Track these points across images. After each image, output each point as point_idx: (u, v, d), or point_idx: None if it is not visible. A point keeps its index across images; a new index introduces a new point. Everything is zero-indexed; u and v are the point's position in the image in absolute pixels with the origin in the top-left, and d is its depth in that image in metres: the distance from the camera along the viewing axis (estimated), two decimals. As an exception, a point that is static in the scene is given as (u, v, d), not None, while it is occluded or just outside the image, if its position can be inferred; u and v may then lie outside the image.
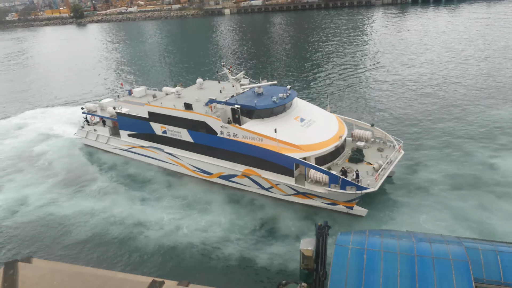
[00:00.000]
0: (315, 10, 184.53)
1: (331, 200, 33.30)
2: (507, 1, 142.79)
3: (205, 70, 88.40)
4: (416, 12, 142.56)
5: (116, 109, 46.47)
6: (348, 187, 31.12)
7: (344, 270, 18.10)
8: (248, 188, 37.69)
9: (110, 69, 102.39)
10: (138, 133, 44.84)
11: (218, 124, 36.65)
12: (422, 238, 19.93)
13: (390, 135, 37.90)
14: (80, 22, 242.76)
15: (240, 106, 36.47)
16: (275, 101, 35.93)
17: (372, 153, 36.23)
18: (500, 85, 59.43)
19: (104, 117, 49.55)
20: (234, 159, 36.99)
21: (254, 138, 34.97)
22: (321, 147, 34.02)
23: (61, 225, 36.31)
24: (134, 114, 44.24)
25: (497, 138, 43.18)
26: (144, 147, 44.84)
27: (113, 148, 49.03)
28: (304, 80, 72.92)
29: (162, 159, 43.70)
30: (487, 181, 35.70)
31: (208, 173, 40.13)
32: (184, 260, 30.35)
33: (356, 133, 38.79)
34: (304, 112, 38.20)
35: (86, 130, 51.94)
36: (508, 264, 17.78)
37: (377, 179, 31.62)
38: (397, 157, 35.23)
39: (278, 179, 34.68)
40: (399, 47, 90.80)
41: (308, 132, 35.45)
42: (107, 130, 48.96)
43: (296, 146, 33.59)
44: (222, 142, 37.04)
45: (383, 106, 56.10)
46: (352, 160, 35.10)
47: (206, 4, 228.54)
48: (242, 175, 37.20)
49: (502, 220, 30.43)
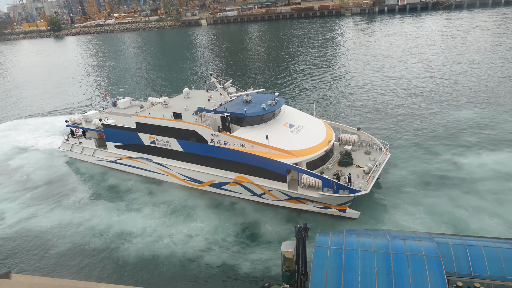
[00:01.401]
0: (288, 20, 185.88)
1: (324, 204, 32.53)
2: (464, 10, 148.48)
3: (186, 79, 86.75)
4: (383, 21, 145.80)
5: (102, 120, 44.20)
6: (341, 190, 30.46)
7: (324, 270, 18.10)
8: (240, 195, 36.44)
9: (90, 80, 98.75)
10: (126, 144, 42.76)
11: (209, 133, 35.29)
12: (396, 235, 20.01)
13: (375, 138, 37.64)
14: (58, 35, 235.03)
15: (230, 114, 35.30)
16: (265, 108, 34.97)
17: (360, 156, 35.82)
18: (459, 87, 60.86)
19: (89, 129, 47.11)
20: (226, 166, 35.70)
21: (245, 145, 33.83)
22: (312, 152, 33.27)
23: (39, 239, 34.45)
24: (121, 125, 42.19)
25: (460, 138, 43.94)
26: (133, 158, 42.79)
27: (100, 160, 46.63)
28: (283, 86, 72.46)
29: (151, 169, 41.81)
30: (453, 178, 36.17)
31: (199, 182, 38.61)
32: (166, 268, 29.33)
33: (343, 137, 38.34)
34: (292, 118, 37.41)
35: (70, 143, 49.24)
36: (477, 257, 17.97)
37: (368, 182, 31.12)
38: (385, 159, 34.96)
39: (270, 185, 33.63)
40: (369, 54, 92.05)
41: (298, 138, 34.63)
42: (93, 142, 46.53)
43: (287, 152, 32.69)
44: (213, 150, 35.68)
45: (354, 110, 56.36)
46: (342, 163, 34.53)
47: (183, 16, 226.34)
48: (234, 183, 35.93)
49: (473, 215, 30.84)
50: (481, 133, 44.42)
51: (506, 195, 32.91)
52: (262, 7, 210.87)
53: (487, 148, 40.84)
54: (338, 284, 17.51)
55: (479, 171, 36.66)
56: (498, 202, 32.19)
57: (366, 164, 33.40)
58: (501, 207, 31.56)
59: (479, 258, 17.95)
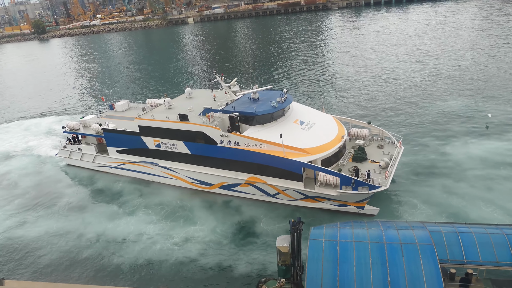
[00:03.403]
0: (275, 16, 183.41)
1: (341, 202, 31.16)
2: (450, 2, 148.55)
3: (180, 79, 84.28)
4: (369, 14, 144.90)
5: (102, 125, 41.84)
6: (360, 187, 29.10)
7: (320, 262, 17.98)
8: (252, 196, 34.81)
9: (80, 83, 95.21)
10: (129, 148, 40.56)
11: (218, 134, 33.44)
12: (390, 225, 19.86)
13: (387, 132, 36.37)
14: (43, 38, 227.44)
15: (239, 113, 33.50)
16: (275, 105, 33.29)
17: (373, 151, 34.48)
18: (447, 78, 60.46)
19: (88, 134, 44.68)
20: (237, 168, 33.95)
21: (257, 145, 32.15)
22: (326, 149, 31.80)
23: (29, 246, 33.10)
24: (123, 129, 39.95)
25: (447, 128, 43.69)
26: (136, 163, 40.64)
27: (101, 166, 44.27)
28: (280, 82, 70.77)
29: (156, 173, 39.76)
30: (442, 168, 35.86)
31: (208, 184, 36.80)
32: (162, 269, 28.49)
33: (353, 132, 36.99)
34: (301, 115, 35.83)
35: (69, 150, 46.66)
36: (469, 244, 18.00)
37: (387, 177, 29.83)
38: (399, 152, 33.71)
39: (285, 184, 32.07)
40: (359, 47, 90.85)
41: (310, 135, 33.09)
42: (93, 148, 44.11)
43: (302, 150, 31.13)
44: (223, 151, 33.88)
45: (347, 101, 55.44)
46: (356, 159, 33.13)
47: (170, 14, 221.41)
48: (246, 184, 34.25)
49: (470, 203, 30.60)
50: (467, 123, 44.24)
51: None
52: (248, 3, 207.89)
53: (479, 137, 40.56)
54: (334, 275, 17.43)
55: (468, 160, 36.45)
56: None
57: (382, 159, 32.10)
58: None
59: (471, 245, 17.96)
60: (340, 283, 17.19)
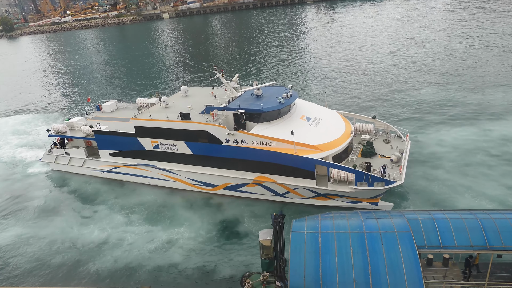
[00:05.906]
0: (252, 10, 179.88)
1: (355, 199, 29.72)
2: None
3: (164, 77, 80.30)
4: (345, 8, 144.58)
5: (93, 127, 38.30)
6: (376, 183, 27.73)
7: (302, 254, 18.04)
8: (260, 196, 32.79)
9: (56, 83, 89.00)
10: (123, 151, 37.36)
11: (223, 132, 31.05)
12: (369, 215, 20.08)
13: (393, 126, 35.18)
14: (11, 36, 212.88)
15: (244, 110, 31.21)
16: (281, 102, 31.23)
17: (381, 145, 33.19)
18: (421, 68, 60.82)
19: (76, 137, 40.97)
20: (244, 167, 31.75)
21: (266, 143, 30.06)
22: (337, 144, 30.18)
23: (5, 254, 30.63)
24: (117, 130, 36.68)
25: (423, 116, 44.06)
26: (132, 166, 37.54)
27: (92, 170, 40.70)
28: (265, 76, 68.65)
29: (154, 176, 36.87)
30: (420, 156, 35.89)
31: (212, 186, 34.41)
32: (144, 272, 27.02)
33: (358, 127, 35.51)
34: (307, 111, 33.98)
35: (54, 154, 42.63)
36: (445, 230, 18.20)
37: (401, 171, 28.60)
38: (408, 146, 32.61)
39: (296, 183, 30.24)
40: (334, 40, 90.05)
41: (319, 131, 31.34)
42: (83, 151, 40.42)
43: (313, 147, 29.34)
44: (229, 150, 31.54)
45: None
46: (365, 154, 31.70)
47: (144, 10, 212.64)
48: (253, 183, 32.15)
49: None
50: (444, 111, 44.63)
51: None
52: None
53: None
54: (316, 266, 17.55)
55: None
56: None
57: (393, 153, 30.84)
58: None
59: (447, 230, 18.16)
60: (322, 273, 17.29)
